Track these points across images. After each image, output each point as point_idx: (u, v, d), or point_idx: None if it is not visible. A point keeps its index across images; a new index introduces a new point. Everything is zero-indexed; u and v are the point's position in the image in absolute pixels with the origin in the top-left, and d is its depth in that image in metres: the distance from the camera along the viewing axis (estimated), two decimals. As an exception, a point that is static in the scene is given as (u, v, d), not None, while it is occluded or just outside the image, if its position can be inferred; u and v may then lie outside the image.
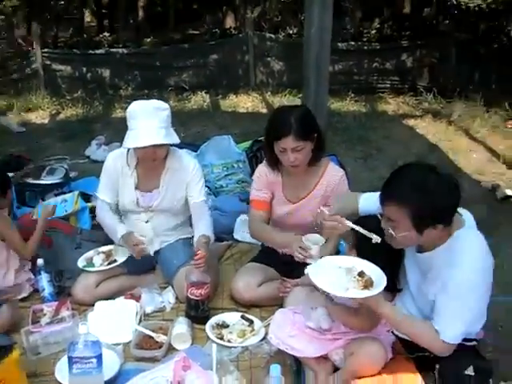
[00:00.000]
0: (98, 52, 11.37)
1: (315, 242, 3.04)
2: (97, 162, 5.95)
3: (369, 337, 2.80)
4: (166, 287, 3.65)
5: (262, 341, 3.17)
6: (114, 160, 3.68)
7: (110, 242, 3.74)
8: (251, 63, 10.05)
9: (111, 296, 3.56)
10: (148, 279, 3.72)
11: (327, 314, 2.90)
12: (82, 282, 3.57)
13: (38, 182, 5.13)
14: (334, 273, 2.71)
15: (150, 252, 3.68)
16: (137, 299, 3.51)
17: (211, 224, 3.73)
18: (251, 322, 3.34)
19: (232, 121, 7.44)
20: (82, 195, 4.63)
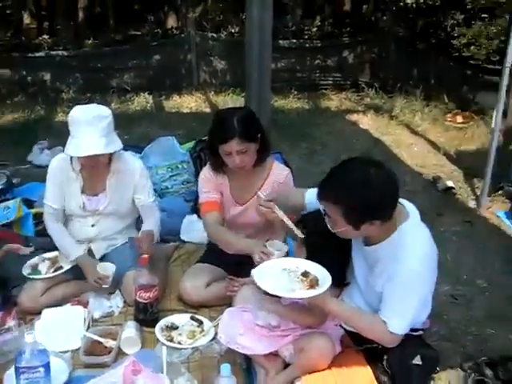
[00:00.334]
0: (37, 55, 11.14)
1: (278, 248, 3.06)
2: (40, 167, 5.84)
3: (317, 332, 2.83)
4: (114, 291, 3.61)
5: (211, 341, 3.18)
6: (59, 165, 3.62)
7: (55, 248, 3.68)
8: (194, 63, 10.02)
9: (58, 303, 3.50)
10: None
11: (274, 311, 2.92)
12: (27, 290, 3.50)
13: (-21, 190, 5.01)
14: (279, 275, 2.74)
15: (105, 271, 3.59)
16: (84, 305, 3.47)
17: (158, 224, 3.73)
18: (200, 322, 3.34)
19: (176, 121, 7.40)
20: (25, 201, 4.54)
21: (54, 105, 9.36)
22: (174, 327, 3.31)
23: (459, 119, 7.69)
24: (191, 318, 3.38)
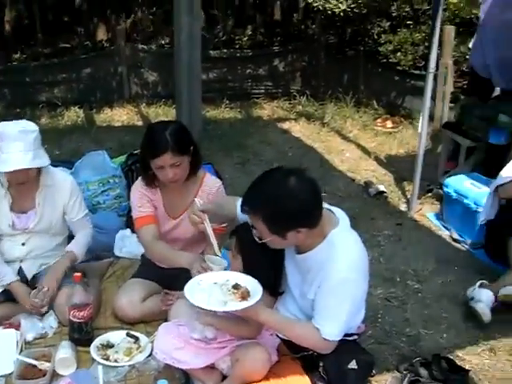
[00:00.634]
0: (-36, 71, 10.84)
1: (218, 263, 3.06)
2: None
3: (253, 342, 2.84)
4: (47, 311, 3.54)
5: (148, 357, 3.15)
6: None
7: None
8: (125, 75, 9.90)
9: (-11, 327, 3.41)
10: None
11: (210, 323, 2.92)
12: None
13: None
14: (210, 289, 2.75)
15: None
16: (16, 327, 3.38)
17: (89, 239, 3.72)
18: (137, 338, 3.31)
19: (107, 135, 7.31)
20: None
21: (-19, 121, 9.10)
22: (109, 345, 3.27)
23: (389, 124, 7.83)
24: (127, 334, 3.34)
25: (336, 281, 2.63)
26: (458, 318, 3.85)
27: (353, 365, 2.85)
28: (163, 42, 11.42)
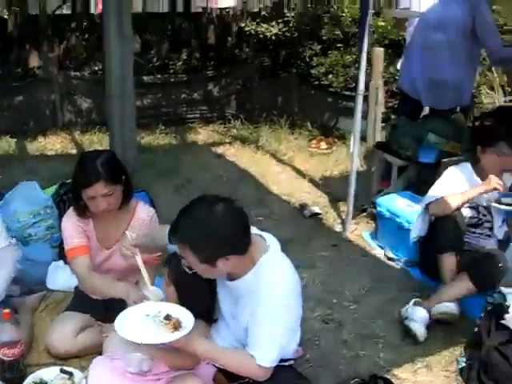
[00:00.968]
0: None
1: (155, 294, 3.03)
2: None
3: (189, 373, 2.83)
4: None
5: (83, 392, 3.08)
6: None
7: None
8: (58, 103, 9.76)
9: None
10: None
11: (146, 356, 2.88)
12: None
13: None
14: (141, 322, 2.73)
15: None
16: None
17: (13, 270, 3.61)
18: (71, 374, 3.21)
19: (40, 164, 7.16)
20: None
21: None
22: (42, 382, 3.17)
23: (323, 145, 7.90)
24: (61, 370, 3.24)
25: (268, 307, 2.63)
26: (394, 336, 3.89)
27: (289, 390, 2.85)
28: (96, 68, 11.32)
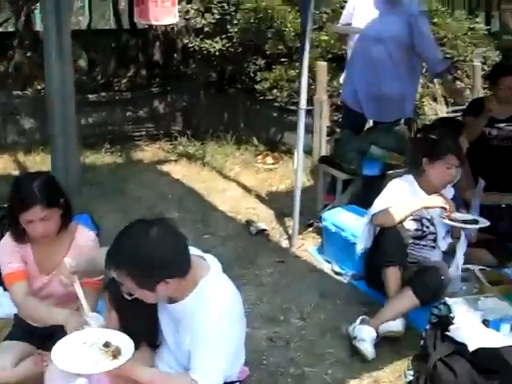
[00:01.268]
0: None
1: (96, 320, 2.94)
2: None
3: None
4: None
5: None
6: None
7: None
8: (0, 123, 9.59)
9: None
10: None
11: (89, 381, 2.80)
12: None
13: None
14: (79, 350, 2.64)
15: None
16: None
17: None
18: (9, 406, 3.12)
19: (-19, 188, 6.99)
20: None
21: None
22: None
23: (269, 160, 7.91)
24: (-1, 402, 3.15)
25: (209, 330, 2.58)
26: (342, 352, 3.87)
27: (235, 413, 2.81)
28: (39, 87, 11.15)
